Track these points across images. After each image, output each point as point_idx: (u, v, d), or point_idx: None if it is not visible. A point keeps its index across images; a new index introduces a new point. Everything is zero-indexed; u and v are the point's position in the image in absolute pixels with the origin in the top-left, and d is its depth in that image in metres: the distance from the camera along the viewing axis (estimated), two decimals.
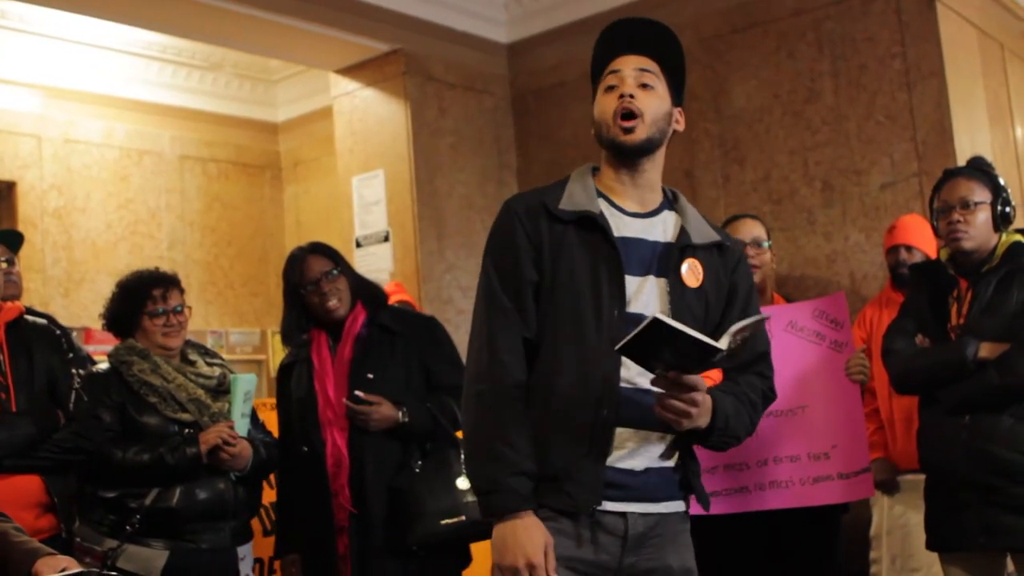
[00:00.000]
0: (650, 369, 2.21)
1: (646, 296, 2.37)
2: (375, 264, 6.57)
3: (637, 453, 2.35)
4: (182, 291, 3.69)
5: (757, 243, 3.87)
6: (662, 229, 2.46)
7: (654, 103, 2.42)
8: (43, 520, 3.23)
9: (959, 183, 3.47)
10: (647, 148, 2.42)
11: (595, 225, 2.38)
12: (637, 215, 2.45)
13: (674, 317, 2.30)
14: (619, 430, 2.32)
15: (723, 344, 2.11)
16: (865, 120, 5.77)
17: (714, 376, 2.44)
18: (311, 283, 3.70)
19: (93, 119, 7.84)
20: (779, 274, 4.08)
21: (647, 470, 2.36)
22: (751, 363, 2.49)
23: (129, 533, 3.36)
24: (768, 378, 2.53)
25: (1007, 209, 3.43)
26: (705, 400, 2.26)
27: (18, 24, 7.21)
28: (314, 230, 8.29)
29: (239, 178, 8.73)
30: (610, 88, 2.44)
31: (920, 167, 5.57)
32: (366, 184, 6.74)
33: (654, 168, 2.48)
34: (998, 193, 3.43)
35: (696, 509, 2.50)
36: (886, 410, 4.32)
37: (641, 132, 2.39)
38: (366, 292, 3.83)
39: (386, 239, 6.61)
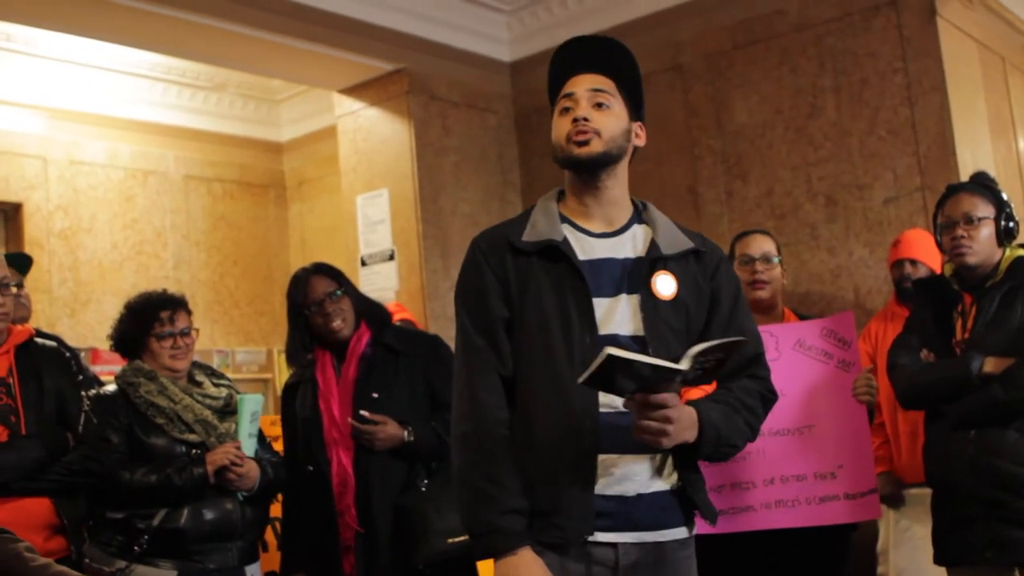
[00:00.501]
0: (619, 394, 2.21)
1: (620, 316, 2.36)
2: (380, 283, 6.58)
3: (627, 478, 2.31)
4: (190, 313, 3.70)
5: (767, 258, 3.87)
6: (632, 245, 2.45)
7: (610, 121, 2.41)
8: (52, 542, 3.23)
9: (963, 198, 3.48)
10: (604, 161, 2.41)
11: (559, 253, 2.38)
12: (604, 235, 2.45)
13: (649, 332, 2.32)
14: (604, 456, 2.30)
15: (684, 365, 2.10)
16: (867, 135, 5.78)
17: (706, 387, 2.43)
18: (315, 304, 3.71)
19: (98, 140, 7.87)
20: (784, 289, 4.07)
21: (639, 496, 2.32)
22: (743, 367, 2.46)
23: (137, 554, 3.36)
24: (763, 378, 2.48)
25: (1011, 224, 3.44)
26: (683, 414, 2.22)
27: (23, 47, 7.23)
28: (319, 249, 8.31)
29: (243, 197, 8.75)
30: (565, 110, 2.44)
31: (923, 181, 5.58)
32: (370, 203, 6.75)
33: (616, 184, 2.46)
34: (1001, 208, 3.44)
35: (704, 527, 2.49)
36: (891, 424, 4.32)
37: (596, 145, 2.39)
38: (370, 312, 3.83)
39: (391, 258, 6.63)
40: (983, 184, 3.54)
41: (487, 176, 7.04)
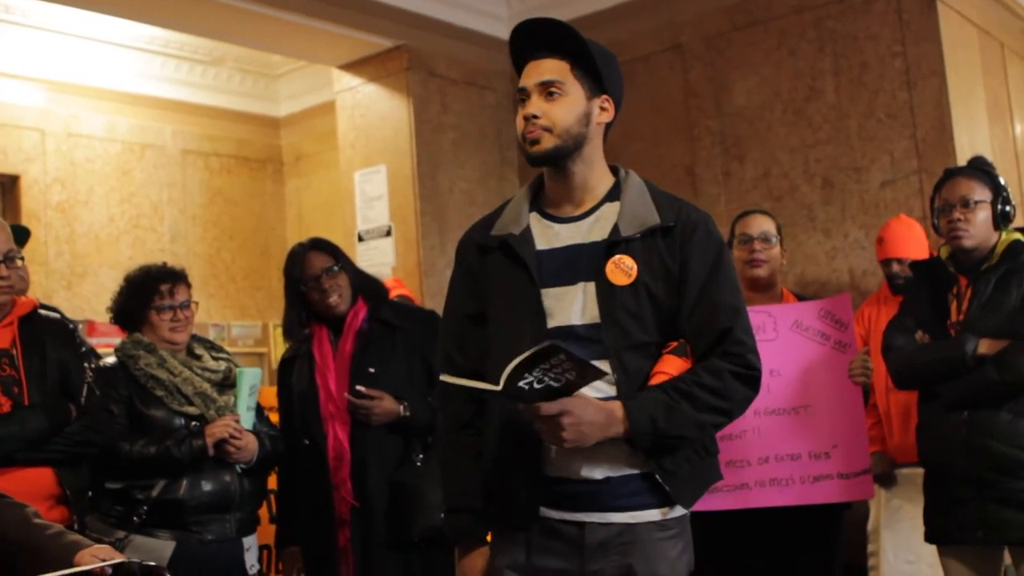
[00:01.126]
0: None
1: (577, 304, 2.37)
2: (377, 259, 6.59)
3: (592, 463, 2.33)
4: (189, 286, 3.71)
5: (765, 238, 3.87)
6: (597, 228, 2.43)
7: (561, 111, 2.38)
8: (55, 512, 3.24)
9: (960, 182, 3.50)
10: (557, 155, 2.40)
11: (513, 248, 2.42)
12: (571, 219, 2.46)
13: (605, 319, 2.33)
14: None
15: (500, 386, 2.11)
16: (866, 118, 5.80)
17: (669, 370, 2.36)
18: (312, 279, 3.73)
19: (96, 113, 7.85)
20: (782, 270, 4.08)
21: (608, 479, 2.34)
22: (714, 344, 2.36)
23: (136, 524, 3.39)
24: (736, 354, 2.36)
25: (1007, 208, 3.46)
26: (587, 416, 2.22)
27: (21, 19, 7.21)
28: (315, 224, 8.32)
29: (241, 172, 8.75)
30: (521, 103, 2.43)
31: (920, 165, 5.60)
32: (368, 179, 6.76)
33: (586, 167, 2.45)
34: (998, 192, 3.47)
35: (700, 504, 2.50)
36: (883, 404, 4.35)
37: (548, 142, 2.38)
38: (367, 287, 3.85)
39: (388, 234, 6.64)
40: (980, 168, 3.56)
41: (485, 153, 7.04)
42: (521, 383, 2.11)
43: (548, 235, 2.45)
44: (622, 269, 2.36)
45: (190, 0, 5.87)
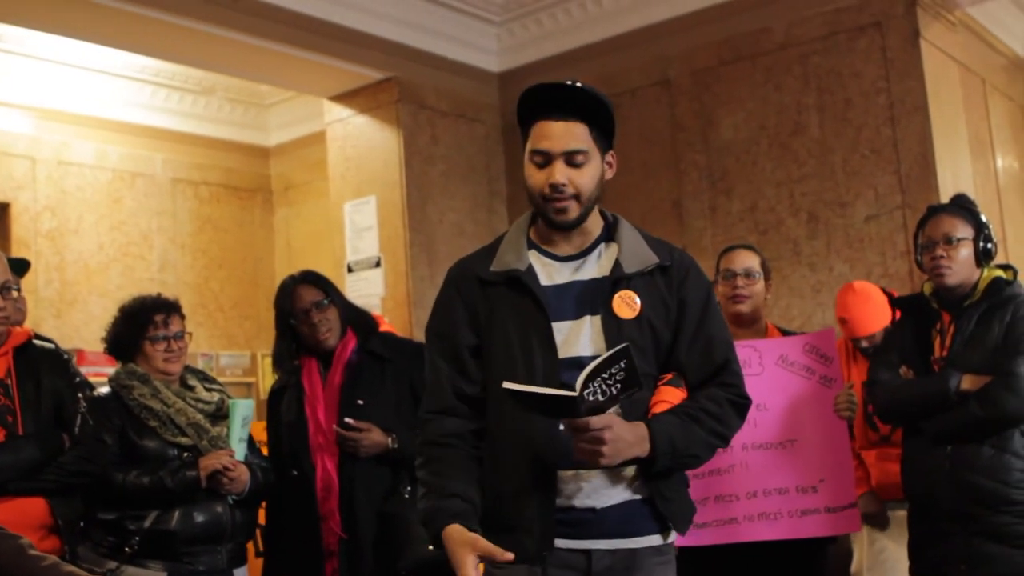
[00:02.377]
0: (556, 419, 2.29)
1: (583, 337, 2.42)
2: (366, 289, 6.62)
3: (597, 491, 2.39)
4: (183, 317, 3.74)
5: (748, 274, 3.84)
6: (598, 266, 2.50)
7: (584, 178, 2.42)
8: (47, 542, 3.23)
9: (943, 219, 3.55)
10: (580, 221, 2.47)
11: (521, 283, 2.45)
12: (570, 258, 2.51)
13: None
14: (573, 472, 2.37)
15: (576, 390, 2.14)
16: (850, 153, 5.87)
17: (670, 399, 2.44)
18: (301, 313, 3.75)
19: (86, 141, 7.88)
20: (767, 304, 4.08)
21: (612, 507, 2.39)
22: (711, 376, 2.48)
23: (128, 555, 3.40)
24: (732, 385, 2.48)
25: (989, 245, 3.50)
26: (622, 433, 2.27)
27: (14, 47, 7.24)
28: (304, 254, 8.34)
29: (230, 201, 8.77)
30: (539, 164, 2.44)
31: (904, 200, 5.66)
32: (358, 210, 6.79)
33: (588, 220, 2.51)
34: (980, 229, 3.51)
35: (687, 539, 2.54)
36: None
37: (574, 211, 2.44)
38: (357, 319, 3.87)
39: (377, 264, 6.66)
40: (963, 206, 3.61)
41: (474, 185, 7.09)
42: (586, 392, 2.16)
43: (549, 271, 2.50)
44: (627, 303, 2.43)
45: (182, 31, 5.90)
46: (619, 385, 2.19)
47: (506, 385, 2.17)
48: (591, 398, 2.17)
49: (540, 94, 2.45)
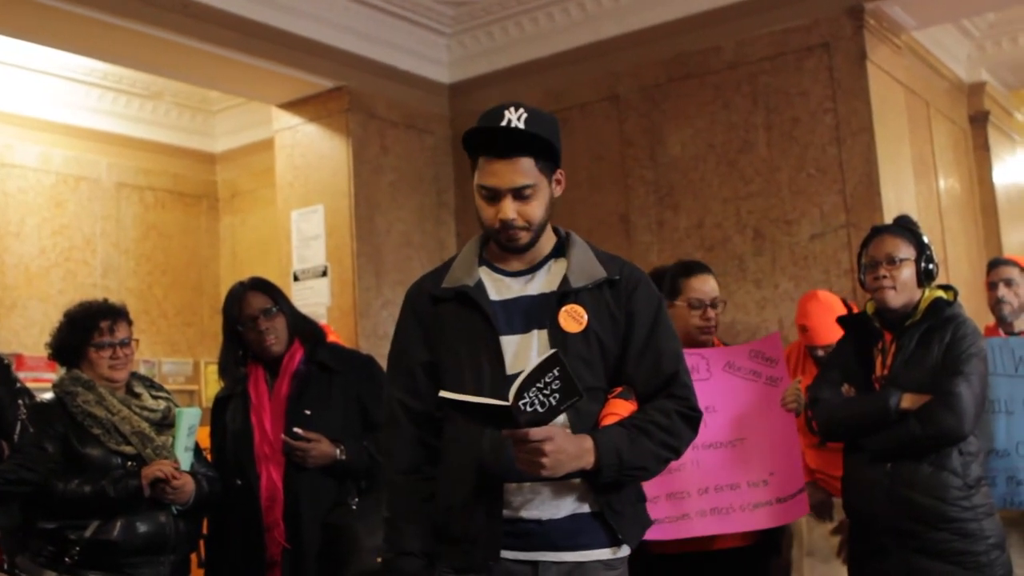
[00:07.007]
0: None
1: (532, 352, 2.46)
2: (312, 298, 6.59)
3: (544, 503, 2.42)
4: (130, 323, 3.70)
5: (714, 304, 3.81)
6: (547, 280, 2.54)
7: (534, 209, 2.48)
8: None
9: (885, 240, 3.60)
10: (531, 245, 2.53)
11: (470, 298, 2.49)
12: (520, 273, 2.56)
13: None
14: (515, 485, 2.41)
15: (509, 400, 2.17)
16: (796, 172, 5.94)
17: (620, 412, 2.47)
18: (249, 320, 3.73)
19: (30, 144, 7.78)
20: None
21: (560, 519, 2.42)
22: (661, 388, 2.51)
23: (68, 565, 3.35)
24: (681, 397, 2.52)
25: (930, 266, 3.56)
26: (565, 445, 2.30)
27: None
28: (250, 262, 8.28)
29: (175, 207, 8.70)
30: (488, 197, 2.48)
31: (848, 219, 5.74)
32: (305, 218, 6.77)
33: (541, 238, 2.56)
34: (922, 250, 3.56)
35: (648, 534, 2.57)
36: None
37: (524, 239, 2.50)
38: (304, 329, 3.86)
39: (324, 274, 6.64)
40: (905, 227, 3.66)
41: (422, 196, 7.09)
42: (522, 402, 2.18)
43: (499, 287, 2.54)
44: (573, 317, 2.47)
45: (130, 34, 5.83)
46: (557, 395, 2.20)
47: (442, 394, 2.22)
48: (529, 409, 2.18)
49: (483, 136, 2.48)
